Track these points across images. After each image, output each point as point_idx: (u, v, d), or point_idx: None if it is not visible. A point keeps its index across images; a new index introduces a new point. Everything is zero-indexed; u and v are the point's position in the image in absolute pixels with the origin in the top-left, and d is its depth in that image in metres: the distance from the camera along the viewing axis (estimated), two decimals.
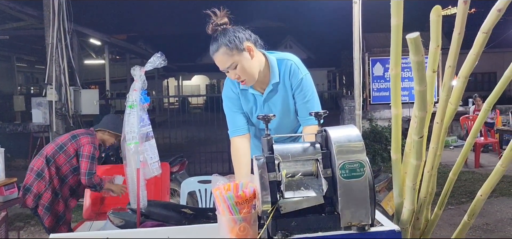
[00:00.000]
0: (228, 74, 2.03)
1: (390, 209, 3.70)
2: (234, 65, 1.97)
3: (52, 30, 5.79)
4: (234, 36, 1.95)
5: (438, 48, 1.34)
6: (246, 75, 2.00)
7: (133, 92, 2.52)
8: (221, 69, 2.00)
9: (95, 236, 1.68)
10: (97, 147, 3.29)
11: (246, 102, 2.17)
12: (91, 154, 3.22)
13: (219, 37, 1.94)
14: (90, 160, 3.18)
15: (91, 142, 3.26)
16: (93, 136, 3.34)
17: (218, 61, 1.97)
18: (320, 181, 1.43)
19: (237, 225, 1.41)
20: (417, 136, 1.34)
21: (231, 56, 1.95)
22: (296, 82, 2.10)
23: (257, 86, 2.13)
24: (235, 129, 2.16)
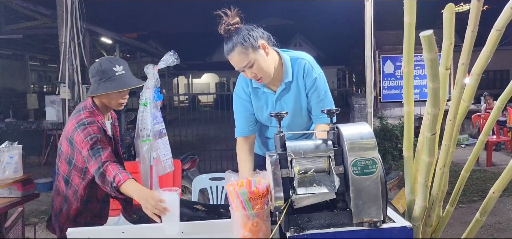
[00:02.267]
0: (243, 73, 2.03)
1: (400, 207, 3.69)
2: (250, 63, 1.96)
3: (65, 29, 5.87)
4: (249, 34, 1.95)
5: (451, 46, 1.34)
6: (263, 73, 2.00)
7: (146, 90, 2.55)
8: (237, 68, 2.00)
9: (110, 231, 1.72)
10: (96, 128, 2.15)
11: (257, 100, 2.18)
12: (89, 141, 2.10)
13: (233, 36, 1.94)
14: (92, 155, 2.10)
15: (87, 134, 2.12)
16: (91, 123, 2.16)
17: (234, 61, 1.97)
18: (332, 178, 1.44)
19: (250, 220, 1.44)
20: (430, 133, 1.34)
21: (247, 55, 1.94)
22: (310, 82, 2.11)
23: (270, 83, 2.13)
24: (241, 130, 2.20)
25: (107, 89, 2.17)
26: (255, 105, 2.19)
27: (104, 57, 2.37)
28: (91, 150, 2.07)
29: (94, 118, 2.18)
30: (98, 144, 2.09)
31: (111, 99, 2.22)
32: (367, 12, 4.07)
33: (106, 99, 2.23)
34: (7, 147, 2.68)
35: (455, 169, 6.66)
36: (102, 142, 2.11)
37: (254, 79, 2.04)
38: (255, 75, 2.00)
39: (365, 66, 4.22)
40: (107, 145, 2.14)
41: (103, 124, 2.23)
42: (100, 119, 2.22)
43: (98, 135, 2.11)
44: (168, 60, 2.48)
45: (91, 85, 2.25)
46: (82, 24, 6.16)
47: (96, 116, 2.21)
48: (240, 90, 2.19)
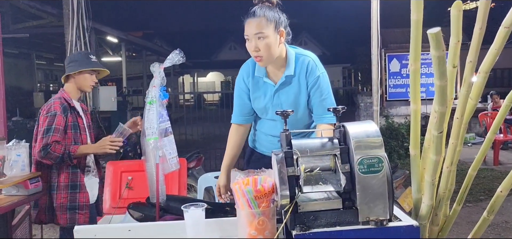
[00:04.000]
0: (249, 42, 2.03)
1: (406, 205, 3.68)
2: (263, 36, 1.99)
3: (71, 28, 5.89)
4: (278, 15, 2.03)
5: (458, 43, 1.33)
6: (266, 52, 2.02)
7: (152, 89, 2.56)
8: (248, 33, 2.01)
9: (117, 229, 1.73)
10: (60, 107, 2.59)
11: (256, 89, 2.20)
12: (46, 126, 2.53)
13: (264, 8, 2.00)
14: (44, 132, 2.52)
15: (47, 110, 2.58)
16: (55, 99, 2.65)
17: (252, 24, 1.99)
18: (338, 176, 1.44)
19: (256, 219, 1.44)
20: (437, 131, 1.34)
21: (266, 27, 1.99)
22: (313, 80, 2.11)
23: (272, 74, 2.15)
24: (235, 117, 2.28)
25: (86, 66, 2.68)
26: (253, 94, 2.21)
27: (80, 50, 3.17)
28: (47, 126, 2.52)
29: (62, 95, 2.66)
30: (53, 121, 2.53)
31: (85, 79, 2.71)
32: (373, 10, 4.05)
33: (82, 80, 2.71)
34: (14, 145, 2.70)
35: (462, 167, 6.62)
36: (57, 119, 2.53)
37: (255, 53, 2.04)
38: (258, 49, 2.01)
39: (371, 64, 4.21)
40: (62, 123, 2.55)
41: (71, 101, 2.68)
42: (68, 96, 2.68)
43: (57, 112, 2.55)
44: (174, 58, 2.48)
45: (68, 68, 2.72)
46: (88, 23, 6.19)
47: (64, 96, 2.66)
48: (240, 80, 2.23)
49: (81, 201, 2.65)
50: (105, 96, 6.98)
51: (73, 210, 2.62)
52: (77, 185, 2.63)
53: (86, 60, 2.74)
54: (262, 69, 2.14)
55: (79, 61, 2.74)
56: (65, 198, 2.61)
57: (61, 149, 2.52)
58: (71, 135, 2.61)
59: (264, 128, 2.31)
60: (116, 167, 4.07)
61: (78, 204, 2.63)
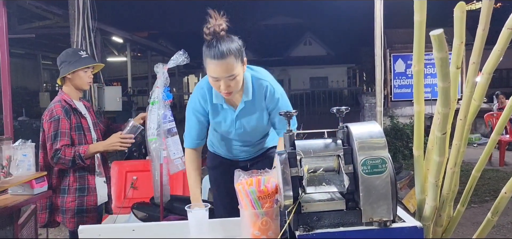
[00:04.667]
0: (217, 82, 1.89)
1: (411, 206, 3.67)
2: (234, 76, 1.87)
3: (77, 29, 5.93)
4: (240, 45, 1.89)
5: (462, 45, 1.33)
6: (236, 87, 1.93)
7: (155, 89, 2.58)
8: (217, 75, 1.86)
9: (121, 229, 1.74)
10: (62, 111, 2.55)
11: (215, 115, 2.12)
12: (52, 132, 2.50)
13: (226, 42, 1.84)
14: (52, 138, 2.51)
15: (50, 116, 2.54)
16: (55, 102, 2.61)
17: (223, 67, 1.83)
18: (342, 177, 1.44)
19: (259, 219, 1.44)
20: (440, 132, 1.34)
21: (236, 65, 1.86)
22: (273, 104, 2.08)
23: (230, 99, 2.07)
24: (193, 141, 2.17)
25: (78, 66, 2.60)
26: (213, 120, 2.14)
27: (67, 48, 2.90)
28: (53, 132, 2.49)
29: (61, 97, 2.60)
30: (58, 126, 2.49)
31: (80, 78, 2.64)
32: (376, 11, 4.04)
33: (77, 79, 2.64)
34: (21, 145, 2.72)
35: (467, 168, 6.59)
36: (62, 123, 2.50)
37: (224, 92, 1.92)
38: (230, 87, 1.90)
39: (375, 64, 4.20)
40: (66, 126, 2.52)
41: (72, 102, 2.62)
42: (68, 98, 2.61)
43: (60, 116, 2.51)
44: (178, 59, 2.50)
45: (61, 70, 2.65)
46: (94, 24, 6.22)
47: (65, 98, 2.60)
48: (196, 104, 2.11)
49: (88, 204, 2.63)
50: (110, 96, 7.01)
51: (80, 213, 2.60)
52: (85, 188, 2.61)
53: (76, 57, 2.64)
54: (220, 96, 2.02)
55: (69, 61, 2.65)
56: (72, 202, 2.59)
57: (71, 152, 2.50)
58: (75, 137, 2.57)
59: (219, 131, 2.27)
60: (121, 167, 4.10)
61: (85, 208, 2.61)
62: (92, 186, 2.64)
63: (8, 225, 2.80)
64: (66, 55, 2.69)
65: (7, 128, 3.17)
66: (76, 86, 2.67)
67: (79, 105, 2.71)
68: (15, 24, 10.25)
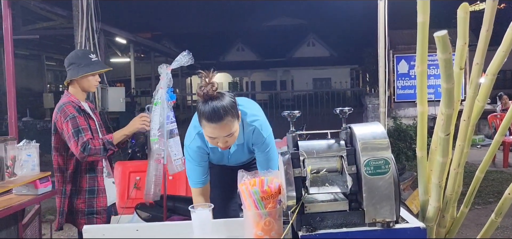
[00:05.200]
0: (214, 140, 1.88)
1: (414, 207, 3.66)
2: (231, 133, 1.86)
3: (80, 30, 5.95)
4: (233, 101, 1.86)
5: (465, 46, 1.33)
6: (234, 141, 1.93)
7: (159, 90, 2.58)
8: (214, 136, 1.84)
9: (125, 229, 1.75)
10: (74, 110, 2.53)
11: (213, 153, 2.18)
12: (72, 130, 2.47)
13: (221, 102, 1.79)
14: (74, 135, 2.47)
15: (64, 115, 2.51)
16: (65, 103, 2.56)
17: (222, 129, 1.81)
18: (345, 178, 1.44)
19: (262, 219, 1.45)
20: (444, 133, 1.34)
21: (233, 124, 1.84)
22: (259, 144, 2.12)
23: None
24: (200, 181, 2.18)
25: (90, 71, 2.59)
26: (212, 157, 2.22)
27: (78, 49, 2.92)
28: (73, 129, 2.46)
29: (69, 98, 2.58)
30: (77, 123, 2.47)
31: (89, 81, 2.64)
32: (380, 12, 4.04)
33: (85, 82, 2.63)
34: (25, 145, 2.74)
35: (470, 169, 6.56)
36: (80, 120, 2.49)
37: (221, 146, 1.91)
38: (227, 143, 1.89)
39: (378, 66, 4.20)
40: (84, 122, 2.51)
41: (80, 103, 2.62)
42: (75, 99, 2.61)
43: (75, 114, 2.49)
44: (182, 60, 2.50)
45: (70, 72, 2.63)
46: (97, 25, 6.24)
47: (72, 99, 2.59)
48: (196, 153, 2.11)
49: (98, 206, 2.62)
50: (113, 97, 7.02)
51: (91, 215, 2.60)
52: (95, 190, 2.60)
53: (86, 61, 2.62)
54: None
55: (78, 64, 2.62)
56: (83, 203, 2.58)
57: (100, 141, 2.50)
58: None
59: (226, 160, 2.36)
60: (125, 167, 4.11)
61: (95, 209, 2.61)
62: (102, 188, 2.64)
63: (12, 225, 2.81)
64: (76, 57, 2.66)
65: (11, 129, 3.19)
66: (83, 88, 2.67)
67: (86, 106, 2.72)
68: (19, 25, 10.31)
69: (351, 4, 22.49)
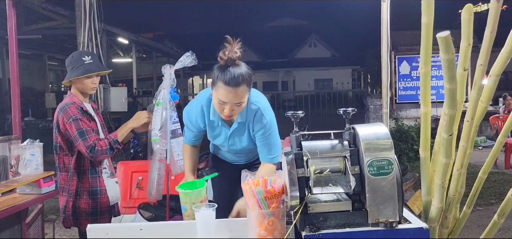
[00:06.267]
0: (222, 105, 1.93)
1: (416, 208, 3.66)
2: (242, 102, 1.93)
3: (83, 30, 5.97)
4: (250, 73, 1.94)
5: (469, 47, 1.33)
6: (238, 112, 2.01)
7: (162, 90, 2.58)
8: (228, 101, 1.90)
9: (128, 228, 1.75)
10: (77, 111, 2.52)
11: (212, 130, 2.22)
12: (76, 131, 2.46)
13: (240, 69, 1.89)
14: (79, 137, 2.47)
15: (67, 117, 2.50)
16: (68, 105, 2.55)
17: (235, 94, 1.88)
18: (348, 178, 1.45)
19: (265, 219, 1.45)
20: (447, 134, 1.34)
21: (244, 94, 1.92)
22: (258, 127, 2.12)
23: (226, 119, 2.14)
24: (188, 139, 2.33)
25: (77, 74, 2.58)
26: (209, 132, 2.24)
27: (76, 50, 2.85)
28: (78, 131, 2.46)
29: (71, 99, 2.58)
30: (80, 125, 2.48)
31: (83, 84, 2.61)
32: (383, 13, 4.04)
33: (80, 84, 2.62)
34: (29, 145, 2.74)
35: (472, 171, 6.56)
36: (82, 122, 2.50)
37: (225, 115, 1.97)
38: (233, 112, 1.96)
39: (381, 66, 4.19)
40: (87, 123, 2.52)
41: (82, 104, 2.61)
42: (77, 100, 2.60)
43: (77, 115, 2.50)
44: (186, 60, 2.50)
45: (67, 75, 2.64)
46: (100, 25, 6.26)
47: (74, 100, 2.59)
48: (192, 119, 2.20)
49: (102, 207, 2.63)
50: (115, 97, 7.04)
51: (94, 215, 2.60)
52: (97, 190, 2.61)
53: (79, 63, 2.59)
54: (216, 114, 2.10)
55: (72, 67, 2.61)
56: (87, 204, 2.59)
57: (106, 142, 2.51)
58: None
59: (220, 149, 2.41)
60: (127, 167, 4.13)
61: (99, 210, 2.61)
62: (103, 188, 2.64)
63: (15, 224, 2.82)
64: (70, 59, 2.67)
65: (15, 128, 3.20)
66: (81, 90, 2.67)
67: (88, 107, 2.71)
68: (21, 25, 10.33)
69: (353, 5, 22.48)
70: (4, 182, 2.57)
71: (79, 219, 2.59)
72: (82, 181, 2.59)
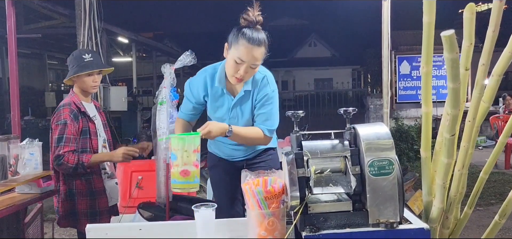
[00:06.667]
0: (238, 66, 1.99)
1: (416, 208, 3.66)
2: (257, 65, 2.02)
3: (83, 29, 5.96)
4: (269, 41, 2.03)
5: (471, 46, 1.33)
6: (250, 77, 2.07)
7: (162, 89, 2.57)
8: (246, 59, 1.97)
9: (128, 228, 1.74)
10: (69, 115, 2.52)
11: (214, 100, 2.21)
12: (57, 136, 2.48)
13: (262, 33, 2.00)
14: (56, 141, 2.48)
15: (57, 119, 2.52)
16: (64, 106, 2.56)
17: (255, 53, 1.97)
18: (349, 178, 1.44)
19: (266, 219, 1.44)
20: (449, 134, 1.33)
21: (261, 57, 2.01)
22: (260, 96, 2.14)
23: (230, 86, 2.17)
24: (184, 113, 2.33)
25: (77, 71, 2.58)
26: (211, 104, 2.23)
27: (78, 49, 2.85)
28: (58, 136, 2.46)
29: (71, 99, 2.58)
30: (63, 130, 2.47)
31: (84, 82, 2.61)
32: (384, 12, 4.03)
33: (81, 82, 2.61)
34: (28, 144, 2.74)
35: (472, 171, 6.53)
36: (69, 128, 2.48)
37: (238, 77, 2.02)
38: (247, 75, 2.02)
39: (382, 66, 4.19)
40: (73, 131, 2.49)
41: (81, 104, 2.60)
42: (77, 99, 2.60)
43: (67, 120, 2.48)
44: (185, 60, 2.49)
45: (68, 73, 2.64)
46: (100, 24, 6.25)
47: (74, 99, 2.59)
48: (194, 88, 2.23)
49: (101, 207, 2.62)
50: (115, 96, 7.04)
51: (93, 216, 2.59)
52: (94, 191, 2.59)
53: (78, 62, 2.60)
54: (222, 80, 2.14)
55: (72, 65, 2.62)
56: (85, 204, 2.58)
57: (74, 159, 2.47)
58: (79, 141, 2.56)
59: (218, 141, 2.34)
60: (127, 166, 4.11)
61: (98, 211, 2.60)
62: (101, 188, 2.63)
63: (14, 224, 2.82)
64: (71, 58, 2.67)
65: (14, 127, 3.19)
66: (82, 89, 2.67)
67: (89, 106, 2.70)
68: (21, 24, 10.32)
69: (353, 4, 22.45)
70: (3, 181, 2.57)
71: (76, 220, 2.58)
72: (76, 182, 2.56)
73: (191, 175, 1.79)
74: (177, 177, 1.79)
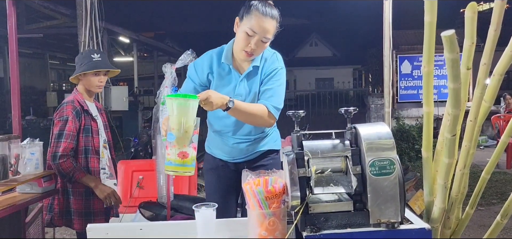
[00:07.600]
0: (249, 38, 2.00)
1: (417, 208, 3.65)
2: (268, 39, 2.03)
3: (84, 29, 5.96)
4: (279, 20, 2.06)
5: (472, 45, 1.32)
6: (259, 53, 2.08)
7: (164, 89, 2.58)
8: (258, 31, 1.98)
9: (128, 228, 1.75)
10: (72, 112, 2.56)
11: (220, 79, 2.15)
12: (57, 132, 2.53)
13: (276, 10, 2.04)
14: (56, 137, 2.53)
15: (60, 115, 2.56)
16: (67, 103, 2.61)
17: (267, 26, 1.99)
18: (350, 178, 1.44)
19: (266, 219, 1.44)
20: (450, 134, 1.33)
21: (273, 32, 2.04)
22: (269, 70, 2.11)
23: (238, 63, 2.15)
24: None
25: (85, 69, 2.62)
26: (216, 83, 2.15)
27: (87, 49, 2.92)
28: (59, 131, 2.51)
29: (75, 97, 2.62)
30: (64, 127, 2.51)
31: (90, 81, 2.65)
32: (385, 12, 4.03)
33: (86, 81, 2.65)
34: (29, 144, 2.73)
35: (473, 170, 6.54)
36: (69, 125, 2.51)
37: (249, 50, 2.02)
38: (257, 49, 2.03)
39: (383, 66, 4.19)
40: (72, 128, 2.52)
41: (84, 103, 2.64)
42: (81, 98, 2.64)
43: (69, 117, 2.52)
44: (186, 59, 2.49)
45: (75, 71, 2.69)
46: (101, 24, 6.25)
47: (78, 97, 2.62)
48: (199, 67, 2.17)
49: (96, 208, 2.62)
50: (116, 96, 7.04)
51: (88, 216, 2.60)
52: (90, 191, 2.60)
53: (86, 61, 2.64)
54: (229, 57, 2.12)
55: (80, 63, 2.66)
56: (80, 204, 2.60)
57: (69, 168, 2.50)
58: (82, 138, 2.59)
59: (214, 124, 2.25)
60: (128, 166, 4.12)
61: (93, 211, 2.61)
62: None
63: (15, 223, 2.82)
64: (80, 57, 2.73)
65: (15, 127, 3.19)
66: (87, 88, 2.70)
67: (91, 106, 2.72)
68: (23, 23, 10.34)
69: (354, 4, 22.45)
70: (4, 181, 2.56)
71: (70, 219, 2.60)
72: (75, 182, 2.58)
73: (190, 158, 1.66)
74: (174, 160, 1.63)
